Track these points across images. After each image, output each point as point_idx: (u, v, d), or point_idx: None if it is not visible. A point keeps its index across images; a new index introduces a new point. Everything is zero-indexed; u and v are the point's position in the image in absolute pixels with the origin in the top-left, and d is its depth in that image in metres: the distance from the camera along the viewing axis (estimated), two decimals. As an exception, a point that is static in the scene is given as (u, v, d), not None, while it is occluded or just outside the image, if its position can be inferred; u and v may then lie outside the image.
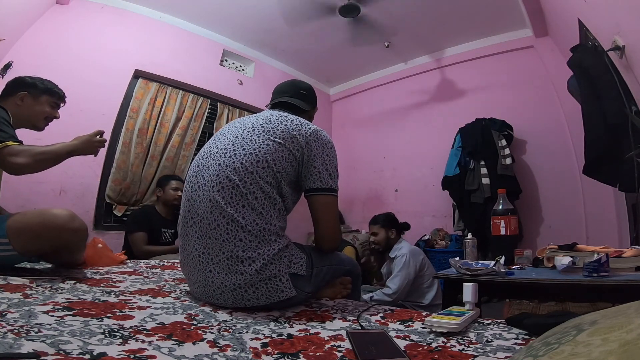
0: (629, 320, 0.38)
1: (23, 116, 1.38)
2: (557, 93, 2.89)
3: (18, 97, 1.37)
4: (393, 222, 2.38)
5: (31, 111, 1.40)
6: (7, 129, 1.20)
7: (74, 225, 1.18)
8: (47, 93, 1.43)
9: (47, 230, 1.14)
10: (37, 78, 1.44)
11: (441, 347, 0.68)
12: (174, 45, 3.31)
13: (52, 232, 1.14)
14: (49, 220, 1.15)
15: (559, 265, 1.24)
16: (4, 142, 1.15)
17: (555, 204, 2.97)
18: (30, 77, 1.42)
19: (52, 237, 1.15)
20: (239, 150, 0.99)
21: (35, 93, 1.40)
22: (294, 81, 1.35)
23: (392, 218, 2.41)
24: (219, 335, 0.71)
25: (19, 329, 0.61)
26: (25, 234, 1.12)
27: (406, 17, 3.17)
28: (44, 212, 1.17)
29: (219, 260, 0.93)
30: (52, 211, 1.17)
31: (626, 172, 1.65)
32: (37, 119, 1.42)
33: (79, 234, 1.21)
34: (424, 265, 2.25)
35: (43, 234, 1.14)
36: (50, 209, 1.18)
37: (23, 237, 1.12)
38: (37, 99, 1.41)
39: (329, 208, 1.05)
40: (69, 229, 1.16)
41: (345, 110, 4.70)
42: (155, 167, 3.10)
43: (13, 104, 1.35)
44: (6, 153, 1.15)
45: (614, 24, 1.63)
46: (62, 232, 1.15)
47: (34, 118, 1.41)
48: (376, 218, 2.41)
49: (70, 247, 1.25)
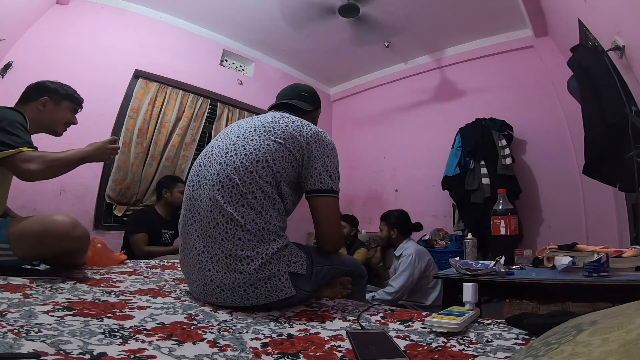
0: (629, 320, 0.38)
1: (44, 121, 1.38)
2: (557, 93, 2.89)
3: (40, 103, 1.37)
4: (401, 223, 2.39)
5: (52, 116, 1.40)
6: (22, 134, 1.19)
7: (76, 233, 1.17)
8: (68, 99, 1.44)
9: (48, 238, 1.13)
10: (58, 83, 1.44)
11: (441, 347, 0.67)
12: (174, 45, 3.32)
13: (53, 240, 1.14)
14: (50, 227, 1.14)
15: (559, 265, 1.24)
16: (18, 148, 1.14)
17: (555, 204, 2.97)
18: (51, 82, 1.43)
19: (53, 244, 1.15)
20: (240, 150, 0.99)
21: (57, 99, 1.40)
22: (296, 84, 1.35)
23: (400, 218, 2.41)
24: (219, 335, 0.71)
25: (19, 329, 0.61)
26: (26, 240, 1.12)
27: (406, 17, 3.17)
28: (45, 219, 1.16)
29: (218, 259, 0.94)
30: (53, 218, 1.16)
31: (626, 172, 1.65)
32: (58, 124, 1.43)
33: (80, 241, 1.20)
34: (429, 266, 2.25)
35: (44, 241, 1.13)
36: (52, 215, 1.17)
37: (24, 244, 1.12)
38: (59, 105, 1.41)
39: (329, 209, 1.05)
40: (71, 237, 1.16)
41: (345, 110, 4.70)
42: (155, 167, 3.10)
43: (34, 109, 1.35)
44: (19, 159, 1.13)
45: (614, 24, 1.63)
46: (63, 239, 1.15)
47: (54, 123, 1.42)
48: (385, 215, 2.44)
49: (71, 254, 1.25)
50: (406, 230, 2.40)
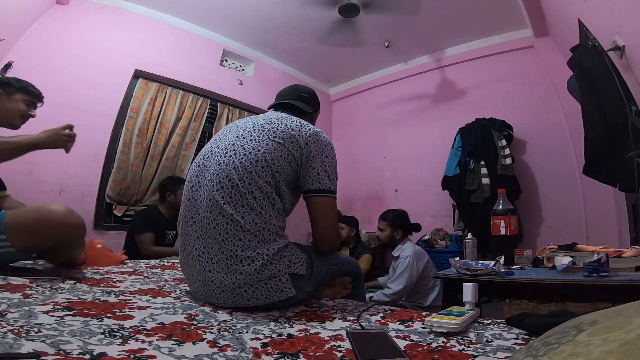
0: (629, 320, 0.38)
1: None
2: (557, 93, 2.89)
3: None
4: (402, 223, 2.38)
5: (6, 109, 1.41)
6: None
7: (71, 220, 1.17)
8: (22, 91, 1.45)
9: (44, 227, 1.14)
10: (13, 78, 1.46)
11: (441, 347, 0.67)
12: (174, 45, 3.32)
13: (49, 229, 1.14)
14: (45, 216, 1.14)
15: (559, 265, 1.24)
16: None
17: (555, 204, 2.97)
18: (6, 77, 1.46)
19: (50, 233, 1.15)
20: (239, 150, 0.99)
21: (10, 91, 1.42)
22: (296, 85, 1.35)
23: (402, 218, 2.40)
24: (219, 335, 0.71)
25: (19, 329, 0.61)
26: (23, 230, 1.12)
27: (406, 17, 3.17)
28: (41, 208, 1.17)
29: (218, 259, 0.93)
30: (48, 207, 1.16)
31: (626, 172, 1.65)
32: (13, 117, 1.43)
33: (75, 230, 1.21)
34: (427, 267, 2.24)
35: (40, 230, 1.13)
36: (47, 204, 1.18)
37: (20, 233, 1.12)
38: (12, 97, 1.42)
39: (327, 210, 1.05)
40: (66, 225, 1.16)
41: (345, 110, 4.70)
42: (155, 167, 3.10)
43: None
44: None
45: (614, 24, 1.63)
46: (59, 228, 1.15)
47: (9, 116, 1.42)
48: (386, 214, 2.41)
49: (68, 244, 1.25)
50: (407, 231, 2.39)
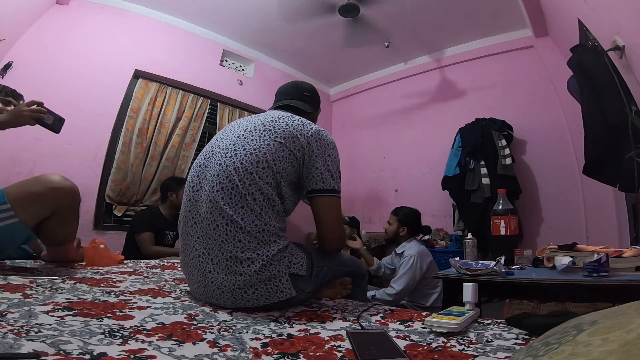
0: (629, 320, 0.38)
1: None
2: (557, 93, 2.89)
3: None
4: (411, 222, 2.39)
5: None
6: None
7: (67, 183, 1.23)
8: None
9: (45, 190, 1.18)
10: None
11: (441, 347, 0.67)
12: (173, 45, 3.31)
13: (49, 192, 1.18)
14: (44, 180, 1.19)
15: (559, 265, 1.24)
16: None
17: (555, 204, 2.97)
18: None
19: (50, 197, 1.19)
20: (240, 150, 0.99)
21: None
22: (297, 82, 1.33)
23: (413, 217, 2.41)
24: (219, 335, 0.71)
25: (19, 329, 0.61)
26: (25, 197, 1.16)
27: (406, 17, 3.17)
28: (39, 176, 1.22)
29: (218, 260, 0.93)
30: (45, 174, 1.23)
31: (626, 172, 1.65)
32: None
33: (72, 194, 1.25)
34: (430, 267, 2.24)
35: (41, 193, 1.18)
36: (44, 174, 1.24)
37: (23, 201, 1.15)
38: None
39: (331, 209, 1.04)
40: (63, 188, 1.21)
41: (345, 110, 4.70)
42: (155, 167, 3.10)
43: None
44: None
45: (614, 24, 1.63)
46: (58, 191, 1.20)
47: None
48: (398, 210, 2.44)
49: (65, 213, 1.27)
50: (415, 231, 2.40)
